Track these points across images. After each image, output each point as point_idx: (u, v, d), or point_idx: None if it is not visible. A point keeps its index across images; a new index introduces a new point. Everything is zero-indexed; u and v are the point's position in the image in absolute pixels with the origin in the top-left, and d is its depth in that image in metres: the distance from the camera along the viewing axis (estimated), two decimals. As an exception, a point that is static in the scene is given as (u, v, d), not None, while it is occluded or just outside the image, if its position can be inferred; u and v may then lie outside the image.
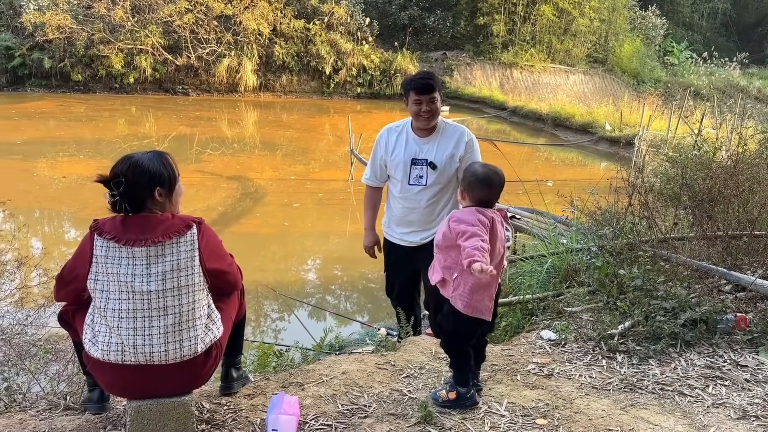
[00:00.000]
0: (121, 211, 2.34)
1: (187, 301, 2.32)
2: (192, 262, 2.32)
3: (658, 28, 32.01)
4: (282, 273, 8.08)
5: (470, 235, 2.52)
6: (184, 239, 2.32)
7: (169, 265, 2.28)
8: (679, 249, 4.45)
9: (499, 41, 27.81)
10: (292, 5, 25.30)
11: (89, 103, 21.50)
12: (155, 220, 2.33)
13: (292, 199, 11.55)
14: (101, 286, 2.29)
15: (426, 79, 3.54)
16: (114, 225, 2.31)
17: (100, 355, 2.29)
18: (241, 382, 2.85)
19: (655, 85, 29.42)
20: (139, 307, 2.27)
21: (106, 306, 2.29)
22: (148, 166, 2.34)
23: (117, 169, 2.34)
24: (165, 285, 2.28)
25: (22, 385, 3.24)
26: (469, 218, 2.62)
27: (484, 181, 2.72)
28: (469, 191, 2.74)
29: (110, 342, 2.29)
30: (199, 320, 2.36)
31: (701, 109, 16.89)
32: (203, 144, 15.82)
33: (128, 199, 2.32)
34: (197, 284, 2.35)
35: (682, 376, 3.11)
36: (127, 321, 2.27)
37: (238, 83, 24.42)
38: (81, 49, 22.37)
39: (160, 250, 2.28)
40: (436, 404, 2.71)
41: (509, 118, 22.45)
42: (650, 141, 13.21)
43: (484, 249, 2.47)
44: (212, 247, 2.41)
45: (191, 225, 2.35)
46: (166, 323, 2.29)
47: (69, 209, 10.45)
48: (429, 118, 3.55)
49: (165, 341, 2.29)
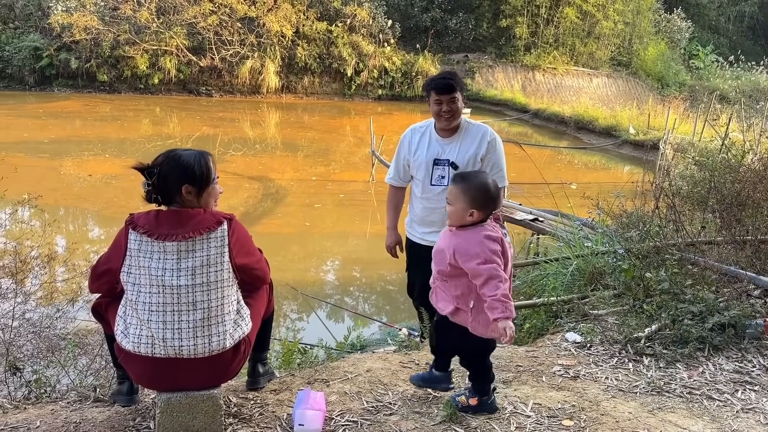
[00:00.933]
0: (152, 201, 2.39)
1: (216, 296, 2.34)
2: (221, 258, 2.34)
3: (683, 31, 31.62)
4: (302, 273, 8.13)
5: (486, 279, 2.35)
6: (214, 235, 2.33)
7: (199, 260, 2.31)
8: (706, 253, 4.40)
9: (522, 43, 27.69)
10: (315, 7, 25.45)
11: (114, 103, 21.82)
12: (187, 215, 2.35)
13: (313, 199, 11.61)
14: (133, 279, 2.32)
15: (446, 79, 3.53)
16: (148, 219, 2.34)
17: (131, 347, 2.32)
18: (268, 377, 2.87)
19: (679, 88, 29.06)
20: (168, 301, 2.30)
21: (137, 299, 2.32)
22: (182, 162, 2.37)
23: (157, 159, 2.39)
24: (194, 280, 2.30)
25: (51, 378, 3.30)
26: (479, 251, 2.39)
27: (496, 195, 2.53)
28: (484, 208, 2.47)
29: (141, 335, 2.32)
30: (228, 316, 2.38)
31: (727, 113, 16.66)
32: (226, 144, 15.97)
33: (158, 190, 2.36)
34: (226, 280, 2.37)
35: (710, 381, 3.07)
36: (157, 314, 2.30)
37: (260, 85, 24.63)
38: (107, 50, 22.74)
39: (191, 246, 2.30)
40: (457, 408, 2.64)
41: (531, 120, 22.35)
42: (676, 145, 13.04)
43: (507, 294, 2.34)
44: (242, 243, 2.43)
45: (222, 221, 2.37)
46: (194, 318, 2.31)
47: (94, 207, 10.62)
48: (449, 118, 3.54)
49: (194, 335, 2.32)
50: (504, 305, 2.31)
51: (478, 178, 2.54)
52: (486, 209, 2.48)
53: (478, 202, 2.45)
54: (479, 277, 2.36)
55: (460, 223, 2.51)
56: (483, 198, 2.46)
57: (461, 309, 2.52)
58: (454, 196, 2.50)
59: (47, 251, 4.88)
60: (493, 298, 2.31)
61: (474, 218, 2.47)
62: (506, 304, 2.32)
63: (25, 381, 3.18)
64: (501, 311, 2.31)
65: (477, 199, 2.45)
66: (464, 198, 2.46)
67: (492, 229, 2.48)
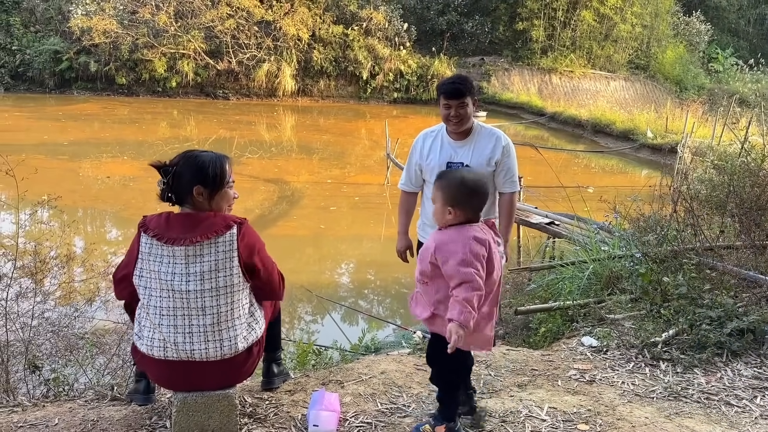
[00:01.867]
0: (166, 200, 2.37)
1: (225, 301, 2.32)
2: (230, 263, 2.31)
3: (702, 35, 31.32)
4: (317, 275, 8.15)
5: (460, 281, 2.22)
6: (222, 239, 2.30)
7: (207, 265, 2.28)
8: (725, 257, 4.34)
9: (538, 46, 27.60)
10: (331, 11, 25.56)
11: (132, 106, 22.06)
12: (197, 219, 2.32)
13: (329, 202, 11.64)
14: (145, 283, 2.31)
15: (456, 84, 3.47)
16: (159, 222, 2.32)
17: (145, 349, 2.34)
18: (282, 378, 2.88)
19: (698, 92, 28.77)
20: (178, 305, 2.29)
21: (149, 303, 2.32)
22: (197, 162, 2.35)
23: (174, 158, 2.39)
24: (203, 285, 2.28)
25: (69, 376, 3.34)
26: (460, 251, 2.25)
27: (476, 191, 2.37)
28: (462, 205, 2.33)
29: (153, 338, 2.32)
30: (238, 320, 2.37)
31: (747, 116, 16.47)
32: (242, 147, 16.07)
33: (172, 189, 2.34)
34: (236, 285, 2.34)
35: (728, 386, 3.03)
36: (167, 318, 2.30)
37: (276, 88, 24.78)
38: (125, 53, 23.01)
39: (198, 250, 2.27)
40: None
41: (547, 124, 22.24)
42: (694, 148, 12.91)
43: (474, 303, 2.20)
44: (251, 248, 2.38)
45: (231, 225, 2.33)
46: (204, 323, 2.30)
47: (112, 208, 10.73)
48: (458, 123, 3.51)
49: (205, 339, 2.31)
50: (462, 308, 2.17)
51: (456, 175, 2.43)
52: (465, 207, 2.34)
53: (456, 200, 2.33)
54: (454, 278, 2.23)
55: (441, 222, 2.39)
56: (461, 196, 2.33)
57: (438, 315, 2.34)
58: (434, 195, 2.41)
59: (66, 251, 4.94)
60: (456, 299, 2.20)
61: (453, 217, 2.34)
62: (465, 308, 2.17)
63: (43, 379, 3.22)
64: (457, 313, 2.17)
65: (455, 198, 2.33)
66: (441, 196, 2.36)
67: (481, 231, 2.34)
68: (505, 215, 3.73)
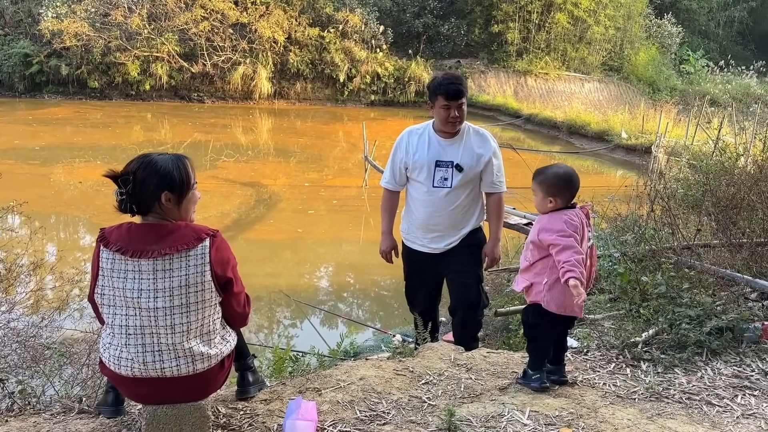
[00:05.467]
0: (126, 211, 2.21)
1: (196, 318, 2.20)
2: (202, 278, 2.18)
3: (673, 36, 31.76)
4: (295, 279, 8.04)
5: (562, 248, 2.65)
6: (194, 252, 2.16)
7: (177, 280, 2.15)
8: (702, 256, 4.36)
9: (514, 49, 27.74)
10: (307, 13, 25.42)
11: (105, 110, 21.70)
12: (165, 230, 2.18)
13: (306, 205, 11.54)
14: (108, 301, 2.18)
15: (456, 84, 3.47)
16: (120, 234, 2.18)
17: (113, 367, 2.23)
18: (258, 386, 2.79)
19: (670, 93, 29.15)
20: (146, 323, 2.16)
21: (113, 322, 2.19)
22: (159, 167, 2.20)
23: (130, 166, 2.22)
24: (173, 302, 2.15)
25: (36, 388, 3.21)
26: (558, 226, 2.71)
27: (569, 181, 2.79)
28: (560, 194, 2.78)
29: (120, 357, 2.20)
30: (207, 336, 2.26)
31: (719, 117, 16.73)
32: (218, 151, 15.88)
33: (134, 199, 2.18)
34: (207, 300, 2.22)
35: (709, 386, 3.02)
36: (135, 338, 2.17)
37: (252, 91, 24.55)
38: (98, 57, 22.62)
39: (168, 264, 2.14)
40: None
41: (524, 125, 22.35)
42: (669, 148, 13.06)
43: (581, 262, 2.62)
44: (225, 262, 2.27)
45: (203, 237, 2.20)
46: (174, 341, 2.18)
47: (84, 214, 10.51)
48: (457, 123, 3.52)
49: (176, 356, 2.20)
50: (573, 266, 2.58)
51: (552, 170, 2.84)
52: (563, 196, 2.78)
53: (554, 191, 2.78)
54: (557, 246, 2.66)
55: (543, 210, 2.84)
56: (558, 187, 2.78)
57: (534, 284, 2.82)
58: (534, 189, 2.85)
59: (34, 259, 4.79)
60: (569, 263, 2.59)
61: (554, 205, 2.79)
62: (576, 266, 2.59)
63: (8, 392, 3.09)
64: (571, 272, 2.58)
65: (554, 188, 2.78)
66: (541, 189, 2.81)
67: (576, 215, 2.77)
68: (495, 215, 3.71)
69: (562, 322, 2.91)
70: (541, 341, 2.94)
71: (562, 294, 2.72)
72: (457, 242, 3.74)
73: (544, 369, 2.94)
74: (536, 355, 2.96)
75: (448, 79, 3.53)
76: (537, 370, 2.92)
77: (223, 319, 2.37)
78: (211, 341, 2.27)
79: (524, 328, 3.06)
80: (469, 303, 3.78)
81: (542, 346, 2.95)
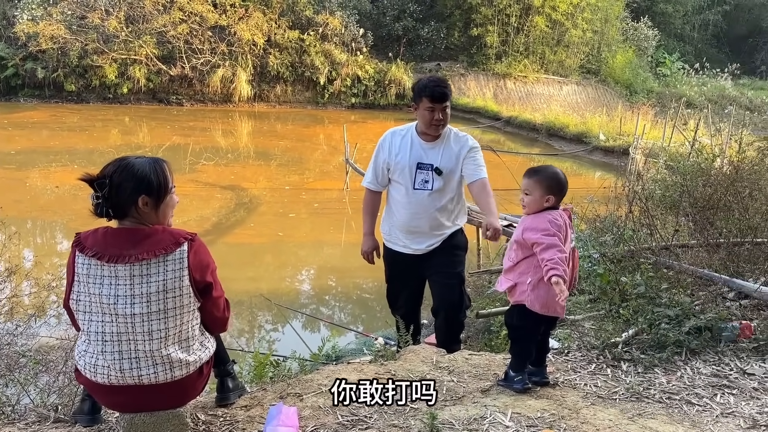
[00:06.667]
0: (102, 215, 2.16)
1: (174, 324, 2.16)
2: (180, 283, 2.14)
3: (650, 40, 32.22)
4: (276, 283, 8.00)
5: (546, 246, 2.67)
6: (172, 257, 2.13)
7: (155, 286, 2.10)
8: (680, 256, 4.40)
9: (493, 52, 27.92)
10: (287, 16, 25.34)
11: (82, 113, 21.43)
12: (141, 234, 2.14)
13: (288, 209, 11.48)
14: (84, 308, 2.14)
15: (441, 86, 3.49)
16: (96, 239, 2.13)
17: (88, 375, 2.19)
18: (238, 392, 2.75)
19: (647, 95, 29.55)
20: (123, 330, 2.12)
21: (89, 329, 2.15)
22: (136, 170, 2.16)
23: (106, 169, 2.18)
24: (150, 308, 2.11)
25: (11, 397, 3.14)
26: (542, 225, 2.73)
27: (566, 183, 2.87)
28: (556, 194, 2.83)
29: (96, 364, 2.16)
30: (185, 342, 2.22)
31: (695, 119, 16.97)
32: (197, 154, 15.76)
33: (111, 203, 2.14)
34: (186, 306, 2.18)
35: (688, 385, 3.04)
36: (111, 344, 2.13)
37: (232, 93, 24.41)
38: (74, 59, 22.34)
39: (145, 269, 2.10)
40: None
41: (503, 128, 22.50)
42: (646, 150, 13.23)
43: (564, 261, 2.63)
44: (204, 266, 2.23)
45: (181, 242, 2.16)
46: (152, 348, 2.14)
47: (61, 219, 10.36)
48: (441, 125, 3.52)
49: (153, 363, 2.16)
50: (556, 264, 2.60)
51: (550, 171, 2.88)
52: (559, 195, 2.83)
53: (553, 189, 2.81)
54: (541, 244, 2.68)
55: (537, 209, 2.83)
56: (557, 187, 2.82)
57: (518, 284, 2.83)
58: (531, 187, 2.84)
59: (10, 265, 4.70)
60: (552, 261, 2.61)
61: (551, 203, 2.82)
62: (558, 264, 2.60)
63: (-19, 402, 3.02)
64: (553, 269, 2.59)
65: (553, 187, 2.81)
66: (540, 186, 2.82)
67: (560, 216, 2.81)
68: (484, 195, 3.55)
69: (545, 322, 2.92)
70: (525, 342, 2.94)
71: (546, 294, 2.74)
72: (439, 243, 3.74)
73: (526, 370, 2.95)
74: (519, 356, 2.97)
75: (433, 81, 3.54)
76: (519, 371, 2.93)
77: (202, 325, 2.34)
78: (190, 347, 2.24)
79: (508, 330, 3.07)
80: (452, 304, 3.78)
81: (525, 347, 2.95)
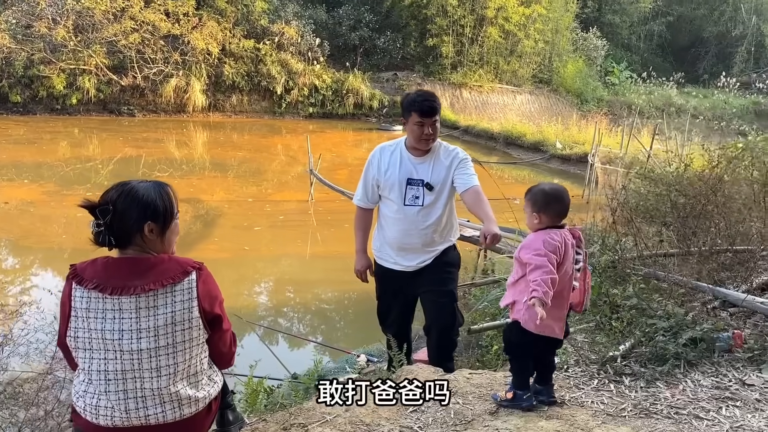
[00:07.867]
0: (104, 244, 2.02)
1: (183, 359, 2.03)
2: (189, 315, 2.01)
3: (599, 49, 33.04)
4: (245, 299, 7.77)
5: (534, 267, 2.60)
6: (180, 288, 2.00)
7: (162, 318, 1.97)
8: (667, 266, 4.43)
9: (448, 62, 28.15)
10: (242, 25, 24.99)
11: (29, 125, 20.59)
12: (146, 264, 2.00)
13: (252, 222, 11.22)
14: (83, 345, 1.98)
15: (430, 101, 3.41)
16: (95, 270, 1.98)
17: (89, 417, 2.01)
18: (238, 425, 2.60)
19: (598, 104, 30.29)
20: (128, 368, 1.97)
21: (90, 367, 1.99)
22: (141, 196, 2.04)
23: (107, 195, 2.04)
24: (158, 342, 1.97)
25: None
26: (535, 245, 2.66)
27: (557, 198, 2.74)
28: (544, 211, 2.72)
29: (98, 405, 1.99)
30: (194, 377, 2.09)
31: (647, 127, 17.46)
32: (150, 166, 15.32)
33: (114, 231, 2.00)
34: (195, 339, 2.05)
35: (693, 399, 3.03)
36: (115, 384, 1.98)
37: (186, 103, 23.86)
38: (20, 70, 21.47)
39: (152, 301, 1.96)
40: (495, 402, 2.90)
41: (461, 137, 22.66)
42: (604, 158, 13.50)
43: (550, 282, 2.55)
44: (213, 297, 2.12)
45: (189, 271, 2.04)
46: (159, 385, 2.00)
47: (9, 236, 9.84)
48: (431, 140, 3.45)
49: (161, 402, 2.01)
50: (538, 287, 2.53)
51: (538, 188, 2.80)
52: (548, 212, 2.72)
53: (539, 206, 2.72)
54: (530, 264, 2.62)
55: (532, 228, 2.80)
56: (543, 203, 2.71)
57: (517, 301, 2.76)
58: (525, 206, 2.82)
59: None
60: (533, 282, 2.56)
61: (539, 222, 2.73)
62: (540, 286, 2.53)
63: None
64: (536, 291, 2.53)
65: (539, 204, 2.72)
66: (529, 204, 2.78)
67: (559, 234, 2.70)
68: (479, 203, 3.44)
69: (544, 341, 2.85)
70: (523, 360, 2.90)
71: None
72: (431, 260, 3.66)
73: (531, 389, 2.90)
74: (520, 373, 2.92)
75: (422, 96, 3.46)
76: (525, 389, 2.88)
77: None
78: (199, 383, 2.09)
79: (506, 346, 3.01)
80: (445, 322, 3.70)
81: (524, 364, 2.90)
